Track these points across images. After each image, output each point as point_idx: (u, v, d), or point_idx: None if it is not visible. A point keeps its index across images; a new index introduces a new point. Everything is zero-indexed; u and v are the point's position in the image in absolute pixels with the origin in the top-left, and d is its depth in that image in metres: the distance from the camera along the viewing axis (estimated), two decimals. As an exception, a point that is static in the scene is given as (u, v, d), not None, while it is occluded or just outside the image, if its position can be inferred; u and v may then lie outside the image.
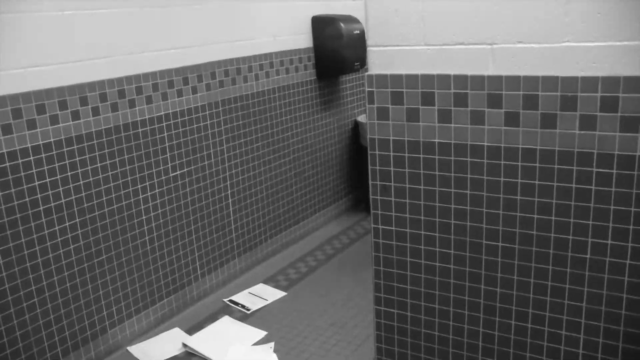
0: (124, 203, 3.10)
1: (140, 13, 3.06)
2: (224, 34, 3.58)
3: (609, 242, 1.81)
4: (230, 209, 3.79)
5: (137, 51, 3.07)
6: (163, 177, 3.29)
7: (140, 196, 3.18)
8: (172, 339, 3.21)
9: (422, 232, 2.16)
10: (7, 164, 2.57)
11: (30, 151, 2.65)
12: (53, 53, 2.70)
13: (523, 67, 1.83)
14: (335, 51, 4.24)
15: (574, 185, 1.83)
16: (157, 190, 3.27)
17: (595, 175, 1.79)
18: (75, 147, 2.83)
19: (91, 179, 2.92)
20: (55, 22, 2.69)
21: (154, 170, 3.23)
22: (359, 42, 4.33)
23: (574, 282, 1.91)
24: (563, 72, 1.76)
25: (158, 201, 3.28)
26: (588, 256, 1.86)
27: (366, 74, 2.10)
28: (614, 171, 1.75)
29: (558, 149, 1.82)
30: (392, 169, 2.15)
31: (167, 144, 3.29)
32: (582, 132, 1.77)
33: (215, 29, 3.51)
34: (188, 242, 3.51)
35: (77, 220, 2.88)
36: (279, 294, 3.64)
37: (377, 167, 2.17)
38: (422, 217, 2.14)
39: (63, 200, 2.80)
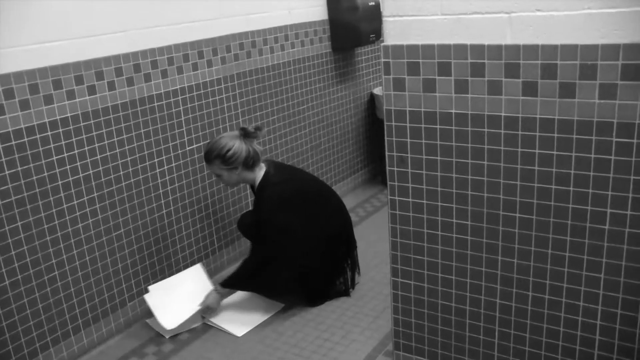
0: (140, 177, 3.11)
1: (154, -14, 3.05)
2: (238, 7, 3.55)
3: (629, 212, 1.80)
4: (247, 182, 3.80)
5: (152, 25, 3.06)
6: (179, 151, 3.30)
7: (157, 170, 3.19)
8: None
9: (439, 204, 2.15)
10: (26, 139, 2.59)
11: (48, 126, 2.67)
12: (69, 28, 2.70)
13: (541, 36, 1.80)
14: (351, 23, 4.20)
15: (592, 156, 1.81)
16: (173, 164, 3.28)
17: (614, 145, 1.76)
18: (92, 121, 2.84)
19: (108, 153, 2.93)
20: (69, -4, 2.69)
21: (170, 144, 3.24)
22: (375, 14, 4.28)
23: (592, 253, 1.90)
24: (583, 40, 1.73)
25: (175, 175, 3.30)
26: (607, 227, 1.85)
27: (382, 44, 2.08)
28: (635, 141, 1.73)
29: (577, 118, 1.80)
30: (408, 140, 2.13)
31: (182, 118, 3.29)
32: (602, 101, 1.75)
33: (230, 2, 3.48)
34: (205, 215, 3.53)
35: (95, 194, 2.90)
36: (296, 266, 3.65)
37: (394, 139, 2.16)
38: (439, 189, 2.13)
39: (81, 175, 2.83)
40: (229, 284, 3.14)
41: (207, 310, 3.11)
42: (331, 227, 3.21)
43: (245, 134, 3.00)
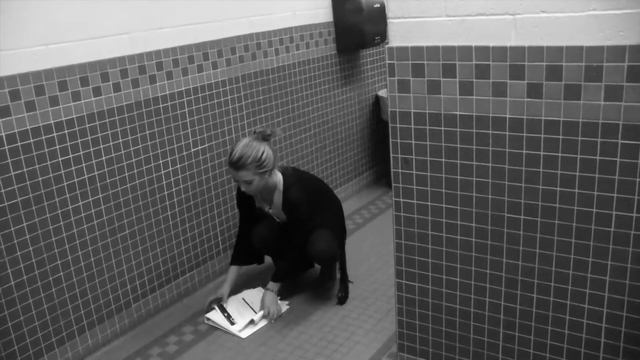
0: (145, 179, 3.12)
1: (160, -12, 3.05)
2: (243, 9, 3.56)
3: (634, 214, 1.79)
4: (252, 184, 3.80)
5: (157, 27, 3.07)
6: (184, 153, 3.30)
7: (162, 172, 3.20)
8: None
9: (444, 205, 2.15)
10: (31, 140, 2.60)
11: (54, 127, 2.67)
12: (74, 30, 2.71)
13: (546, 37, 1.80)
14: (356, 25, 4.20)
15: (598, 158, 1.80)
16: (178, 166, 3.28)
17: (620, 147, 1.76)
18: (97, 123, 2.85)
19: (113, 155, 2.94)
20: (75, -2, 2.70)
21: (175, 145, 3.24)
22: (380, 16, 4.28)
23: (597, 256, 1.89)
24: (588, 42, 1.73)
25: (180, 176, 3.30)
26: (612, 229, 1.84)
27: (387, 46, 2.08)
28: (640, 142, 1.72)
29: (582, 120, 1.80)
30: (413, 141, 2.13)
31: (187, 120, 3.29)
32: (607, 103, 1.74)
33: (234, 4, 3.48)
34: (210, 217, 3.54)
35: (100, 196, 2.91)
36: (300, 268, 3.65)
37: (398, 140, 2.16)
38: (444, 190, 2.13)
39: (86, 176, 2.83)
40: (280, 277, 3.20)
41: (269, 311, 3.13)
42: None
43: (264, 137, 2.99)
